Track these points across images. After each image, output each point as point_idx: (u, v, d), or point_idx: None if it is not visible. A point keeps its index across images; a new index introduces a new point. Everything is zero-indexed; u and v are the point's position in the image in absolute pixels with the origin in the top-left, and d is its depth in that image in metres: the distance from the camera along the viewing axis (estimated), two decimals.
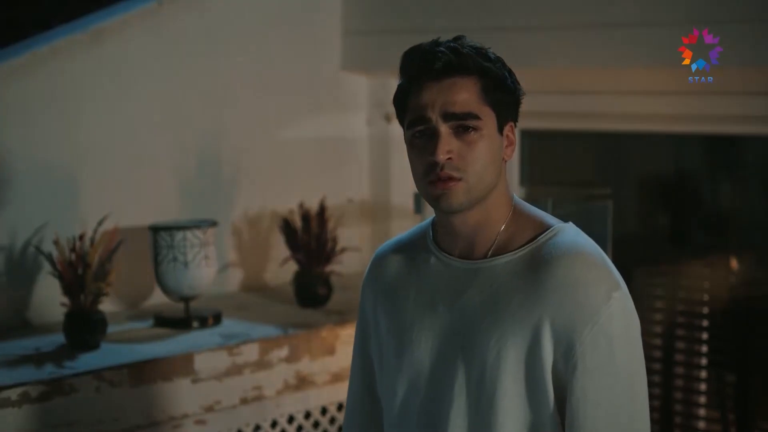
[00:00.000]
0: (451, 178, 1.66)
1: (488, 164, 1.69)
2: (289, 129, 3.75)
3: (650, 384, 3.67)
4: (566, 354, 1.63)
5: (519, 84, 1.75)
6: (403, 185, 3.77)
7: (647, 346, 3.90)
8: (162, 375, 2.79)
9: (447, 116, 1.66)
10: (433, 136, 1.67)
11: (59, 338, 2.92)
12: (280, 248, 3.59)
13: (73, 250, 2.87)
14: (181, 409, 2.82)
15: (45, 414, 2.58)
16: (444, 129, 1.66)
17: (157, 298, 3.34)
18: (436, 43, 1.71)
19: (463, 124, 1.66)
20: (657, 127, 3.48)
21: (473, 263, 1.74)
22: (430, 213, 3.42)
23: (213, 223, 3.21)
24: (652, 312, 3.64)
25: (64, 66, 3.19)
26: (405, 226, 3.37)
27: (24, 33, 3.27)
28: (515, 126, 1.76)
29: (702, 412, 3.58)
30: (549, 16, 3.30)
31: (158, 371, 2.79)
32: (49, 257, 2.91)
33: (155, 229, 3.13)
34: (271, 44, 3.70)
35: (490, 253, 1.73)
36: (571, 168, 3.92)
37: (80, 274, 2.85)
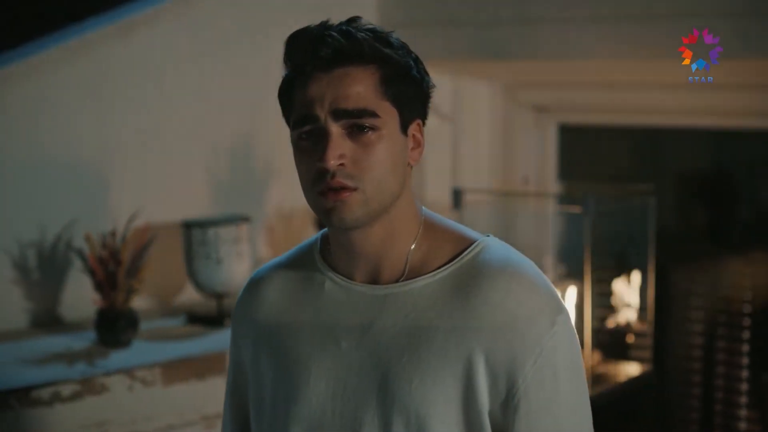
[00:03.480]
0: (344, 188, 1.40)
1: (389, 170, 1.42)
2: None
3: (691, 384, 3.65)
4: (506, 392, 1.39)
5: (428, 74, 1.48)
6: (440, 180, 3.71)
7: (688, 346, 3.87)
8: (195, 373, 2.76)
9: (338, 114, 1.40)
10: (321, 137, 1.41)
11: (90, 336, 2.89)
12: None
13: (104, 246, 2.83)
14: (214, 409, 2.78)
15: (77, 414, 2.55)
16: (335, 129, 1.40)
17: (189, 295, 3.31)
18: (325, 26, 1.47)
19: (357, 122, 1.40)
20: (698, 121, 3.44)
21: (382, 288, 1.47)
22: (468, 210, 3.38)
23: (246, 219, 3.16)
24: (693, 311, 3.58)
25: (94, 60, 3.16)
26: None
27: (54, 26, 3.24)
28: (424, 124, 1.49)
29: (743, 412, 3.54)
30: (589, 7, 3.24)
31: (191, 370, 2.76)
32: (80, 254, 2.88)
33: (188, 226, 3.10)
34: None
35: (403, 276, 1.47)
36: (611, 163, 3.87)
37: (112, 271, 2.81)
